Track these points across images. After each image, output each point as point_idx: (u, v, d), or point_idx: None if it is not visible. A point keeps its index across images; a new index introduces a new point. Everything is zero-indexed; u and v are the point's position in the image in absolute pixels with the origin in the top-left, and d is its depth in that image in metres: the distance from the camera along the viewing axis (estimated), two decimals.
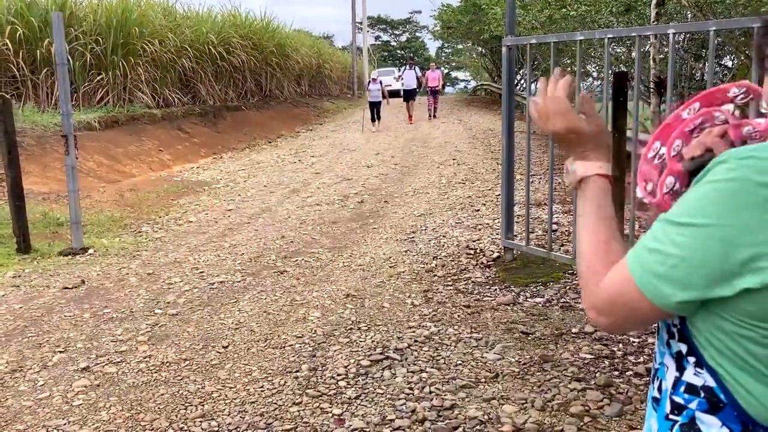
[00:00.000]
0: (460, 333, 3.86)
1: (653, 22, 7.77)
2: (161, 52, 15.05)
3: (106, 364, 3.59)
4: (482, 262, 5.29)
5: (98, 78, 13.50)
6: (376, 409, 3.01)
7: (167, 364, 3.57)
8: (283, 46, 22.21)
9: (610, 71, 4.38)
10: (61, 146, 6.37)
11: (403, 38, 64.35)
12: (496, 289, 4.63)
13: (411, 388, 3.20)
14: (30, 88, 12.36)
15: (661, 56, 8.25)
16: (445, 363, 3.47)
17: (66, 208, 6.74)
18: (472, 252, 5.60)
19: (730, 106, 1.02)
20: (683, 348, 0.94)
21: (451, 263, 5.31)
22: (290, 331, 3.99)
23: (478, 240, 5.98)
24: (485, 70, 33.88)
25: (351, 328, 4.00)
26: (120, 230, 7.03)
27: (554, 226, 5.59)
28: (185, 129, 14.92)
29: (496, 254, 5.42)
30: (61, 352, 3.78)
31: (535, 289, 4.58)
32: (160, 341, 3.90)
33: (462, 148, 13.16)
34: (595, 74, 13.49)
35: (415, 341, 3.76)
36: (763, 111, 0.95)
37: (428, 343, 3.74)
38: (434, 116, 19.71)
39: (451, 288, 4.70)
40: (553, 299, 4.37)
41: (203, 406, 3.10)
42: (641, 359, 3.41)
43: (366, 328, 4.00)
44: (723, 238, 0.82)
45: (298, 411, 3.02)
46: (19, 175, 6.05)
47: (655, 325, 1.01)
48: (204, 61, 17.05)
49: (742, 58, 8.97)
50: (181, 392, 3.25)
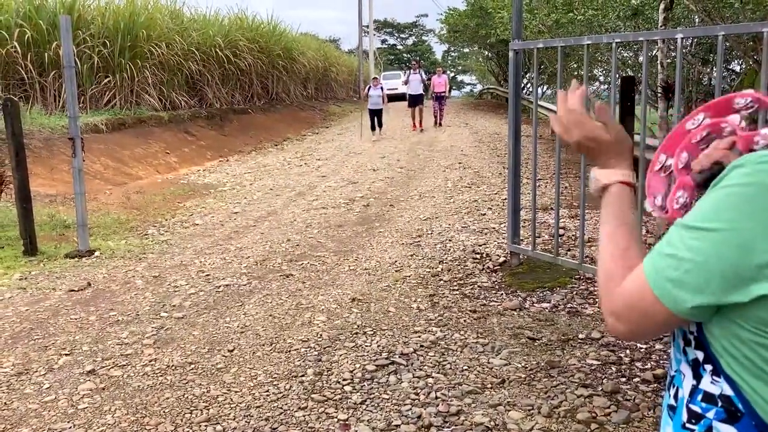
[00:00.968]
0: (466, 338, 3.84)
1: (661, 26, 7.74)
2: (168, 55, 15.12)
3: (112, 368, 3.59)
4: (488, 267, 5.27)
5: (105, 81, 13.58)
6: (381, 415, 3.00)
7: (173, 368, 3.57)
8: (289, 49, 22.29)
9: (617, 76, 4.37)
10: (68, 148, 6.40)
11: (410, 42, 64.51)
12: (502, 294, 4.61)
13: (417, 394, 3.18)
14: (38, 91, 12.44)
15: (669, 61, 8.22)
16: (451, 368, 3.45)
17: (73, 211, 6.75)
18: (478, 256, 5.58)
19: (737, 117, 1.01)
20: (700, 355, 0.93)
21: (457, 268, 5.29)
22: (296, 335, 3.98)
23: (485, 244, 5.96)
24: (491, 74, 33.92)
25: (356, 333, 3.99)
26: (126, 233, 7.05)
27: (561, 231, 5.57)
28: (192, 132, 14.97)
29: (502, 259, 5.40)
30: (66, 354, 3.78)
31: (541, 294, 4.55)
32: (166, 344, 3.90)
33: (468, 151, 13.14)
34: (602, 78, 13.47)
35: (421, 346, 3.74)
36: None
37: (434, 348, 3.72)
38: (440, 123, 19.12)
39: (457, 293, 4.69)
40: (559, 304, 4.35)
41: (208, 410, 3.09)
42: (648, 365, 3.39)
43: (372, 332, 3.99)
44: (739, 243, 0.81)
45: (304, 416, 3.01)
46: (27, 177, 6.08)
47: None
48: (211, 64, 17.13)
49: (750, 62, 8.93)
50: (186, 396, 3.24)
